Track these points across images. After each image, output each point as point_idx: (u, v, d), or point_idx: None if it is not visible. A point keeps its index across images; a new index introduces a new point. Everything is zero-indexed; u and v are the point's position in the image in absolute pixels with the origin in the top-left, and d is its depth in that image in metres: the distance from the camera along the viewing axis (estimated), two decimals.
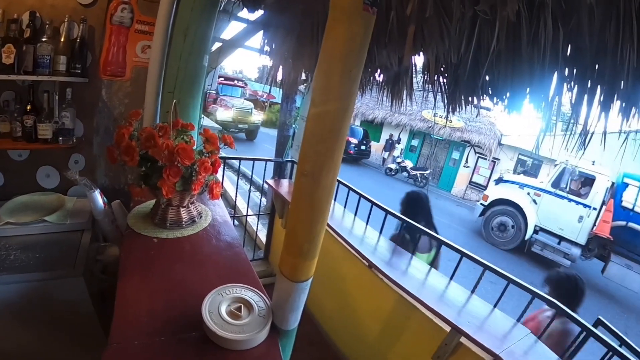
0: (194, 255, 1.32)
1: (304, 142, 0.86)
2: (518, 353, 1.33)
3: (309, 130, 0.84)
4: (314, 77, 0.84)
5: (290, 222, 0.93)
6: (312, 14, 1.39)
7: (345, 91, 0.79)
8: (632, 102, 0.98)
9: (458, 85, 1.09)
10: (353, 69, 0.78)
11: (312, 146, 0.84)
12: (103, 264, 1.63)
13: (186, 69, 1.82)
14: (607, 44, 0.90)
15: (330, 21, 0.78)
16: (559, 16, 0.91)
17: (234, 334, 0.86)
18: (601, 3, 0.86)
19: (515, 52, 0.92)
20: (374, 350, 1.97)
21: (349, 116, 0.83)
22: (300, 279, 0.93)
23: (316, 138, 0.83)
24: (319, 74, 0.81)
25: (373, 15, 0.75)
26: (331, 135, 0.82)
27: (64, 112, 1.73)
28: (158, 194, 1.37)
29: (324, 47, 0.80)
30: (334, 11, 0.77)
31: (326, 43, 0.79)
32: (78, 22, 1.72)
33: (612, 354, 1.32)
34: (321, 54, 0.81)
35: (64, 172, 1.87)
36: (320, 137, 0.83)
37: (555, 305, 1.45)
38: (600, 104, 1.00)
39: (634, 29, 0.84)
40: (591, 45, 0.92)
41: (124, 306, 0.99)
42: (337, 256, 2.21)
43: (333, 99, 0.80)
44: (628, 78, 0.91)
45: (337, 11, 0.76)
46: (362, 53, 0.78)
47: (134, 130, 1.36)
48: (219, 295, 0.99)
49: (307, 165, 0.85)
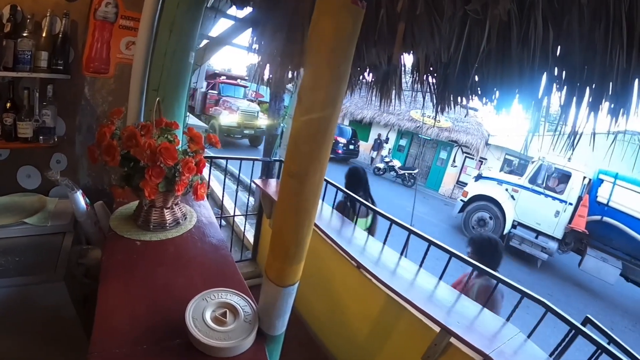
0: (178, 258, 1.28)
1: (291, 142, 0.82)
2: (508, 352, 1.33)
3: (296, 129, 0.81)
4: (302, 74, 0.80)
5: (276, 224, 0.90)
6: (302, 11, 1.36)
7: (333, 89, 0.76)
8: (621, 103, 0.98)
9: (447, 85, 1.07)
10: (341, 65, 0.74)
11: (298, 146, 0.81)
12: (85, 268, 1.58)
13: (171, 66, 1.77)
14: (596, 45, 0.90)
15: (316, 13, 0.74)
16: (549, 17, 0.91)
17: (219, 341, 0.83)
18: (591, 5, 0.85)
19: (505, 52, 0.91)
20: (363, 350, 1.96)
21: (337, 115, 0.79)
22: (286, 283, 0.91)
23: (303, 137, 0.80)
24: (306, 71, 0.78)
25: (362, 10, 0.71)
26: (318, 135, 0.79)
27: (45, 110, 1.67)
28: (140, 195, 1.33)
29: (310, 42, 0.76)
30: (321, 3, 0.73)
31: (312, 37, 0.75)
32: (60, 16, 1.66)
33: (600, 352, 1.33)
34: (308, 49, 0.78)
35: (45, 172, 1.81)
36: (307, 137, 0.79)
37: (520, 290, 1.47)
38: (589, 105, 1.00)
39: (623, 31, 0.84)
40: (581, 46, 0.92)
41: (105, 313, 0.96)
42: (325, 256, 2.19)
43: (321, 97, 0.76)
44: (617, 80, 0.91)
45: (325, 3, 0.73)
46: (350, 48, 0.74)
47: (116, 129, 1.31)
48: (204, 300, 0.96)
49: (294, 166, 0.82)
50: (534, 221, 7.39)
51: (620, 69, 0.91)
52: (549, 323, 1.46)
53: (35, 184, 1.88)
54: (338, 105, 0.77)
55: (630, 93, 0.95)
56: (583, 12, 0.86)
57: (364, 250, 1.95)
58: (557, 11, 0.89)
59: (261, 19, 1.68)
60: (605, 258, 6.52)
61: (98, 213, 1.69)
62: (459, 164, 12.88)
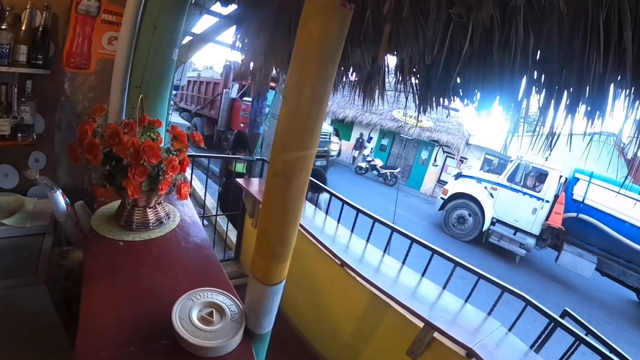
0: (163, 258, 1.27)
1: (276, 141, 0.82)
2: (490, 345, 1.38)
3: (281, 128, 0.81)
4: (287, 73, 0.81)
5: (261, 223, 0.90)
6: (288, 10, 1.36)
7: (319, 88, 0.77)
8: (597, 106, 1.02)
9: (430, 86, 1.10)
10: (328, 65, 0.76)
11: (284, 145, 0.81)
12: (67, 270, 1.54)
13: (154, 62, 1.74)
14: (574, 50, 0.93)
15: (304, 14, 0.75)
16: (530, 22, 0.93)
17: (206, 341, 0.83)
18: (570, 12, 0.88)
19: (487, 56, 0.94)
20: (349, 348, 1.98)
21: (323, 114, 0.80)
22: (273, 282, 0.91)
23: (288, 137, 0.81)
24: (292, 70, 0.78)
25: (350, 12, 0.73)
26: (304, 132, 0.79)
27: (24, 107, 1.61)
28: (123, 194, 1.30)
29: (297, 42, 0.77)
30: (309, 4, 0.74)
31: (300, 37, 0.76)
32: (41, 9, 1.61)
33: (579, 343, 1.39)
34: (295, 49, 0.78)
35: (23, 171, 1.75)
36: (293, 136, 0.80)
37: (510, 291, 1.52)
38: (567, 108, 1.04)
39: (600, 38, 0.87)
40: (560, 51, 0.95)
41: (89, 315, 0.94)
42: (309, 255, 2.20)
43: (306, 96, 0.77)
44: (593, 83, 0.94)
45: (313, 4, 0.74)
46: (337, 49, 0.76)
47: (98, 127, 1.28)
48: (190, 300, 0.95)
49: (279, 165, 0.82)
50: (512, 218, 7.61)
51: (597, 74, 0.95)
52: (528, 317, 1.52)
53: (12, 184, 1.82)
54: (324, 104, 0.78)
55: (605, 96, 0.99)
56: (563, 19, 0.89)
57: (347, 249, 1.97)
58: (538, 17, 0.92)
59: (246, 17, 1.67)
60: (581, 253, 6.77)
61: (79, 213, 1.65)
62: (440, 164, 13.09)
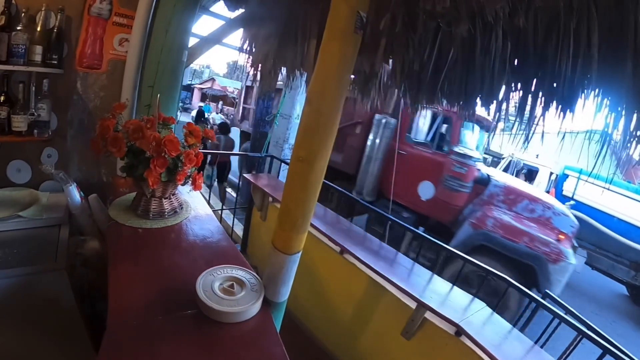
0: (180, 242, 1.38)
1: (300, 133, 1.04)
2: (476, 323, 1.52)
3: (305, 123, 1.04)
4: (310, 81, 1.03)
5: (284, 201, 1.09)
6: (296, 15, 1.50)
7: (337, 94, 1.00)
8: (568, 105, 1.16)
9: (420, 89, 1.26)
10: (344, 77, 0.99)
11: (308, 136, 1.03)
12: (84, 258, 1.64)
13: (167, 63, 1.85)
14: (548, 56, 1.07)
15: (326, 37, 0.98)
16: (508, 32, 1.08)
17: (229, 307, 0.95)
18: (544, 22, 1.03)
19: (470, 62, 1.08)
20: (347, 332, 2.10)
21: (339, 113, 1.02)
22: (292, 251, 1.09)
23: (312, 130, 1.02)
24: (316, 80, 1.01)
25: (360, 36, 0.96)
26: (325, 128, 1.01)
27: (40, 104, 1.70)
28: (143, 185, 1.41)
29: (321, 58, 1.00)
30: (330, 31, 0.97)
31: (323, 55, 0.99)
32: (55, 11, 1.69)
33: (559, 322, 1.55)
34: (318, 63, 1.01)
35: (36, 166, 1.84)
36: (316, 129, 1.01)
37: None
38: (542, 107, 1.19)
39: (570, 44, 1.02)
40: (534, 56, 1.10)
41: (118, 291, 1.04)
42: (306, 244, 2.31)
43: (328, 100, 1.00)
44: (564, 84, 1.09)
45: (334, 31, 0.97)
46: (351, 65, 1.00)
47: (116, 123, 1.39)
48: (211, 275, 1.07)
49: (303, 152, 1.02)
50: None
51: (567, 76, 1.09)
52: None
53: (25, 179, 1.90)
54: (340, 105, 1.02)
55: (576, 96, 1.13)
56: (537, 28, 1.04)
57: (347, 236, 2.11)
58: (515, 27, 1.07)
59: (254, 21, 1.79)
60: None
61: (92, 206, 1.74)
62: None
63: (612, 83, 1.01)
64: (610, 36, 0.90)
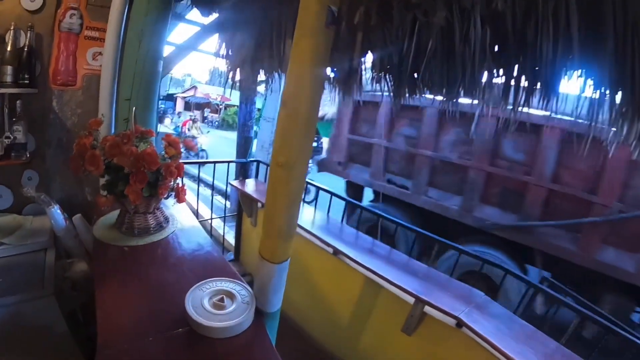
0: (167, 258, 1.35)
1: (278, 137, 0.99)
2: (476, 313, 1.50)
3: (282, 127, 0.98)
4: (285, 82, 0.99)
5: (268, 209, 1.05)
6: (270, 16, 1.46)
7: (313, 93, 0.95)
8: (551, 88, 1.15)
9: (401, 81, 1.23)
10: (318, 75, 0.94)
11: (286, 140, 0.98)
12: (72, 281, 1.60)
13: (142, 75, 1.80)
14: (528, 39, 1.05)
15: (297, 34, 0.93)
16: (486, 18, 1.06)
17: (221, 322, 0.92)
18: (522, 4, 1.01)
19: (450, 50, 1.05)
20: (347, 332, 2.09)
21: (317, 114, 0.99)
22: (280, 259, 1.05)
23: (289, 133, 0.97)
24: (289, 80, 0.96)
25: (333, 31, 0.92)
26: (302, 131, 0.97)
27: (16, 126, 1.65)
28: (125, 201, 1.37)
29: (292, 56, 0.94)
30: (300, 28, 0.92)
31: (295, 54, 0.94)
32: (25, 29, 1.64)
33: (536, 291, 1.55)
34: (291, 61, 0.95)
35: (18, 190, 1.78)
36: (294, 133, 0.97)
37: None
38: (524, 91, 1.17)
39: (549, 27, 1.00)
40: (515, 41, 1.08)
41: (106, 314, 1.01)
42: (300, 249, 2.28)
43: (303, 100, 0.95)
44: (546, 68, 1.07)
45: (304, 28, 0.92)
46: (324, 61, 0.95)
47: (94, 140, 1.35)
48: (200, 290, 1.04)
49: (282, 157, 0.98)
50: None
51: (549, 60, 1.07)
52: None
53: (7, 204, 1.84)
54: (317, 105, 0.97)
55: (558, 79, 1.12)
56: (516, 13, 1.02)
57: (339, 237, 2.08)
58: (494, 12, 1.04)
59: (229, 25, 1.75)
60: None
61: (77, 226, 1.69)
62: None
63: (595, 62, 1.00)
64: (589, 15, 0.88)
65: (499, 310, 1.60)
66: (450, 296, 1.60)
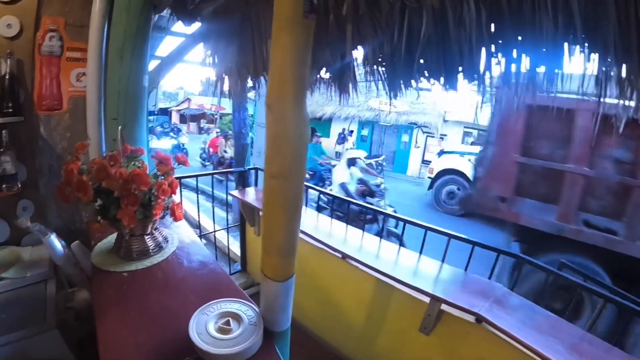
0: (169, 281, 1.29)
1: (269, 146, 0.89)
2: (496, 307, 1.44)
3: (271, 134, 0.88)
4: (267, 85, 0.90)
5: (265, 224, 0.96)
6: (250, 19, 1.40)
7: (298, 91, 0.86)
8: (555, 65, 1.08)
9: (396, 72, 1.16)
10: (302, 71, 0.85)
11: (277, 148, 0.89)
12: (75, 311, 1.55)
13: (127, 92, 1.74)
14: (525, 16, 0.99)
15: (275, 29, 0.84)
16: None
17: (229, 349, 0.86)
18: None
19: (445, 36, 0.99)
20: (363, 336, 2.03)
21: (306, 115, 0.88)
22: (284, 277, 0.97)
23: (280, 140, 0.88)
24: (272, 81, 0.86)
25: (313, 21, 0.82)
26: (294, 135, 0.87)
27: (4, 157, 1.59)
28: (119, 226, 1.32)
29: (273, 56, 0.86)
30: (278, 21, 0.83)
31: (274, 51, 0.85)
32: (4, 57, 1.59)
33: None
34: (271, 61, 0.86)
35: (13, 221, 1.73)
36: (284, 139, 0.87)
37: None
38: (527, 72, 1.10)
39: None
40: (512, 19, 1.01)
41: (108, 348, 0.95)
42: (307, 255, 2.23)
43: (289, 101, 0.85)
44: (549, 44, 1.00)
45: (281, 21, 0.83)
46: (308, 55, 0.85)
47: (82, 165, 1.29)
48: (204, 314, 0.98)
49: (275, 167, 0.89)
50: None
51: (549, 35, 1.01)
52: None
53: (4, 237, 1.79)
54: (304, 105, 0.87)
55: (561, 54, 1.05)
56: None
57: (345, 241, 2.02)
58: None
59: (212, 33, 1.69)
60: None
61: (76, 253, 1.64)
62: (422, 144, 13.25)
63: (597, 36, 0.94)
64: None
65: (520, 302, 1.54)
66: (468, 292, 1.53)
